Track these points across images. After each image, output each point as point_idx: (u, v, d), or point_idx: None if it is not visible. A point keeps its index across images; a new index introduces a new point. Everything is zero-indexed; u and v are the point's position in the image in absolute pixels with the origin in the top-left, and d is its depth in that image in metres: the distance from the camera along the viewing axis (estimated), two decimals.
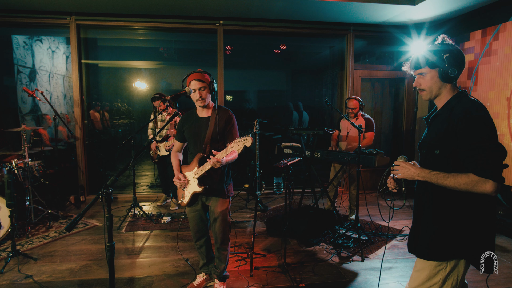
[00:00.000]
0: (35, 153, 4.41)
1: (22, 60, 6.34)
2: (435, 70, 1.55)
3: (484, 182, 1.37)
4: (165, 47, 7.62)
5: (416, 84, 1.63)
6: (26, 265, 3.11)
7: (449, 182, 1.44)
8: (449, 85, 1.57)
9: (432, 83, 1.57)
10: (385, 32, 5.39)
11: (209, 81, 2.40)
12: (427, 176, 1.51)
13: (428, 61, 1.56)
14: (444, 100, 1.59)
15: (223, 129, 2.44)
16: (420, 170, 1.54)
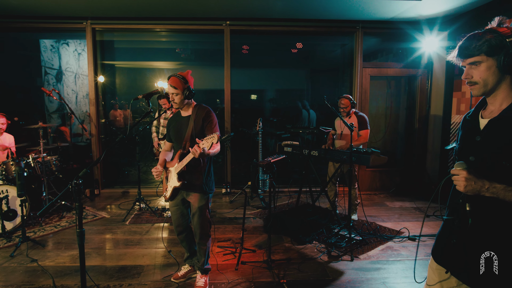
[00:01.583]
0: (53, 148, 4.75)
1: (49, 62, 6.84)
2: (493, 58, 1.25)
3: None
4: (181, 48, 7.86)
5: (467, 76, 1.31)
6: (34, 251, 3.40)
7: None
8: (509, 78, 1.28)
9: (489, 75, 1.26)
10: (395, 28, 5.24)
11: (183, 88, 2.50)
12: (500, 192, 1.18)
13: (485, 46, 1.24)
14: (504, 98, 1.30)
15: (201, 127, 2.55)
16: (488, 184, 1.20)
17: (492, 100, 1.34)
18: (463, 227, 1.34)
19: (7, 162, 3.95)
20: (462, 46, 1.31)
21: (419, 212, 4.64)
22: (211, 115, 2.59)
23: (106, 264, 3.14)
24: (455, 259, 1.38)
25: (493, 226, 1.27)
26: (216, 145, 2.45)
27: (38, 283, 2.80)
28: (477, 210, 1.28)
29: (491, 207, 1.26)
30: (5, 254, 3.31)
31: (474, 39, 1.28)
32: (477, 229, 1.30)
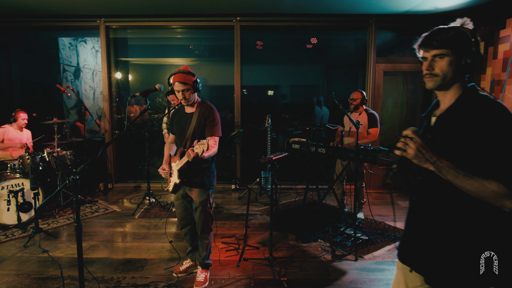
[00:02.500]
0: (68, 143, 4.91)
1: (67, 59, 7.05)
2: (457, 55, 1.25)
3: (511, 197, 1.12)
4: (195, 44, 7.91)
5: (429, 68, 1.29)
6: (46, 241, 3.54)
7: (472, 184, 1.15)
8: (464, 77, 1.30)
9: (449, 70, 1.26)
10: (410, 22, 5.07)
11: (193, 81, 2.51)
12: (444, 168, 1.18)
13: (453, 41, 1.25)
14: (453, 95, 1.31)
15: (203, 125, 2.55)
16: (436, 157, 1.20)
17: (442, 97, 1.36)
18: (418, 224, 1.38)
19: (23, 156, 4.12)
20: (429, 36, 1.30)
21: None
22: (213, 114, 2.58)
23: (112, 257, 3.22)
24: (415, 256, 1.40)
25: (445, 221, 1.29)
26: (213, 146, 2.45)
27: (47, 273, 2.91)
28: (429, 205, 1.33)
29: (442, 203, 1.29)
30: (19, 244, 3.46)
31: (443, 32, 1.28)
32: (430, 225, 1.33)
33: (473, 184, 1.15)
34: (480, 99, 1.25)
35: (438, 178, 1.23)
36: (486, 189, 1.14)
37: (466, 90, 1.30)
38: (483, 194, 1.15)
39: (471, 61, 1.25)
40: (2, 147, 4.40)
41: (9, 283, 2.76)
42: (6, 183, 3.83)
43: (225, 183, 5.86)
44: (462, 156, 1.21)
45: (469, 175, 1.16)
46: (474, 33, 1.27)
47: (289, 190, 5.53)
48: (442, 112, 1.33)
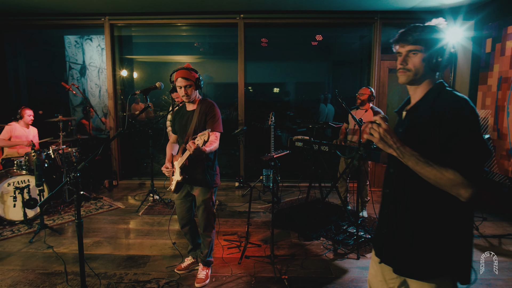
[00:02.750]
0: (73, 140, 4.96)
1: (73, 57, 7.12)
2: (429, 53, 1.32)
3: (466, 187, 1.17)
4: (200, 42, 7.92)
5: (403, 62, 1.35)
6: (52, 237, 3.59)
7: (431, 171, 1.20)
8: (434, 74, 1.37)
9: (421, 66, 1.33)
10: (415, 18, 4.98)
11: (195, 78, 2.52)
12: (407, 154, 1.23)
13: (426, 39, 1.32)
14: (423, 91, 1.38)
15: (204, 122, 2.56)
16: (400, 143, 1.25)
17: (413, 92, 1.42)
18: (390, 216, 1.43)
19: (29, 154, 4.17)
20: (405, 32, 1.36)
21: None
22: (214, 110, 2.59)
23: (115, 253, 3.26)
24: (385, 248, 1.46)
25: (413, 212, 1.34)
26: (214, 141, 2.45)
27: (52, 269, 2.96)
28: (399, 198, 1.39)
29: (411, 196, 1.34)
30: (25, 240, 3.52)
31: (418, 29, 1.34)
32: (400, 217, 1.38)
33: (431, 171, 1.20)
34: (446, 94, 1.31)
35: (409, 171, 1.28)
36: (443, 177, 1.19)
37: (435, 86, 1.36)
38: (440, 181, 1.20)
39: (442, 60, 1.32)
40: (9, 144, 4.46)
41: (14, 278, 2.81)
42: (13, 179, 3.89)
43: (229, 180, 5.88)
44: (427, 146, 1.27)
45: (429, 163, 1.21)
46: (444, 35, 1.35)
47: (292, 188, 5.52)
48: (412, 105, 1.40)
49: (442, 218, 1.30)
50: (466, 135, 1.19)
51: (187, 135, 2.59)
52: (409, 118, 1.39)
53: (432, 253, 1.31)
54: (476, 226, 3.86)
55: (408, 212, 1.35)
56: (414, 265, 1.34)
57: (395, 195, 1.42)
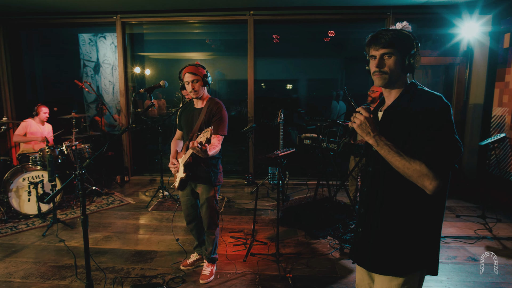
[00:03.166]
0: (86, 137, 5.07)
1: (87, 55, 7.25)
2: (402, 55, 1.35)
3: (431, 178, 1.22)
4: (211, 39, 7.94)
5: (378, 65, 1.37)
6: (64, 231, 3.69)
7: (400, 161, 1.26)
8: (406, 76, 1.41)
9: (396, 68, 1.36)
10: (429, 13, 4.87)
11: (203, 74, 2.54)
12: (381, 142, 1.30)
13: (399, 41, 1.35)
14: (397, 92, 1.42)
15: (210, 121, 2.56)
16: (377, 132, 1.32)
17: (388, 94, 1.45)
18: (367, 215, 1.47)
19: (43, 149, 4.29)
20: (378, 36, 1.37)
21: (449, 212, 4.34)
22: (221, 111, 2.57)
23: (124, 248, 3.33)
24: (360, 247, 1.51)
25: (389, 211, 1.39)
26: (216, 145, 2.44)
27: (62, 262, 3.04)
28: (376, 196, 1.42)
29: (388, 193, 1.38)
30: (38, 233, 3.63)
31: (389, 32, 1.36)
32: (375, 215, 1.42)
33: (401, 161, 1.26)
34: (421, 92, 1.36)
35: (385, 169, 1.34)
36: (410, 167, 1.24)
37: (408, 87, 1.40)
38: (407, 171, 1.25)
39: (413, 61, 1.36)
40: (24, 140, 4.61)
41: (26, 270, 2.90)
42: (27, 174, 4.02)
43: (238, 177, 5.90)
44: (404, 144, 1.31)
45: (400, 153, 1.27)
46: (415, 36, 1.39)
47: (301, 185, 5.50)
48: (388, 106, 1.44)
49: (416, 214, 1.35)
50: (437, 130, 1.23)
51: (192, 132, 2.61)
52: (386, 118, 1.42)
53: (408, 249, 1.36)
54: (489, 228, 3.75)
55: (384, 209, 1.40)
56: (389, 262, 1.39)
57: (372, 193, 1.45)
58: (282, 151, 2.89)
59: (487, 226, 3.79)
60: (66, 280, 2.75)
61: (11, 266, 2.96)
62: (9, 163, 4.41)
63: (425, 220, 1.35)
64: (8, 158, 4.42)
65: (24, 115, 4.83)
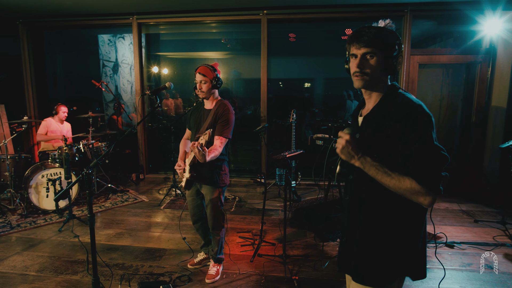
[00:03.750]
0: (102, 135, 5.22)
1: (106, 55, 7.45)
2: (384, 55, 1.28)
3: (424, 195, 1.19)
4: (227, 38, 7.97)
5: (359, 66, 1.29)
6: (79, 227, 3.81)
7: (390, 181, 1.22)
8: (387, 78, 1.35)
9: (378, 70, 1.29)
10: (449, 10, 4.68)
11: (212, 77, 2.54)
12: (367, 164, 1.26)
13: (383, 41, 1.27)
14: (378, 95, 1.35)
15: (216, 123, 2.56)
16: (361, 154, 1.28)
17: (368, 96, 1.39)
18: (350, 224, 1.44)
19: (62, 148, 4.44)
20: (361, 33, 1.28)
21: (467, 216, 4.18)
22: (227, 114, 2.56)
23: (134, 245, 3.40)
24: (345, 256, 1.48)
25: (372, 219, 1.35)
26: (216, 148, 2.43)
27: (75, 257, 3.15)
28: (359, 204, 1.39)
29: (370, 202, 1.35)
30: (55, 228, 3.77)
31: (372, 30, 1.27)
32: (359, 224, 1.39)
33: (391, 181, 1.22)
34: (400, 98, 1.29)
35: (367, 177, 1.29)
36: (401, 186, 1.21)
37: (388, 90, 1.34)
38: (399, 190, 1.22)
39: (396, 63, 1.30)
40: (45, 139, 4.79)
41: (41, 264, 3.02)
42: (46, 171, 4.17)
43: (251, 176, 5.91)
44: (385, 153, 1.27)
45: (388, 172, 1.23)
46: (398, 35, 1.31)
47: (314, 186, 5.44)
48: (368, 112, 1.37)
49: (398, 221, 1.32)
50: (422, 144, 1.19)
51: (199, 133, 2.62)
52: (366, 125, 1.36)
53: (390, 258, 1.33)
54: (510, 235, 3.59)
55: (367, 219, 1.36)
56: (370, 273, 1.36)
57: (354, 202, 1.41)
58: (290, 153, 2.86)
59: (507, 233, 3.62)
60: (77, 275, 2.85)
61: (28, 260, 3.09)
62: (30, 160, 4.59)
63: (407, 227, 1.32)
64: (29, 156, 4.60)
65: (46, 114, 5.02)
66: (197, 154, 2.16)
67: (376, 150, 1.29)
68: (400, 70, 5.09)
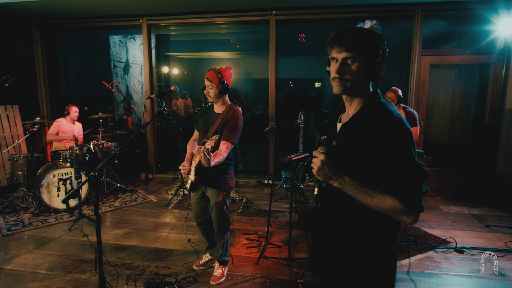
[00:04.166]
0: (112, 135, 5.30)
1: (117, 56, 7.55)
2: (365, 61, 1.19)
3: (407, 213, 1.14)
4: (236, 38, 7.98)
5: (338, 71, 1.21)
6: (88, 226, 3.88)
7: (371, 200, 1.16)
8: (369, 85, 1.28)
9: (359, 76, 1.21)
10: (462, 9, 4.58)
11: (218, 83, 2.54)
12: (346, 184, 1.20)
13: (365, 44, 1.18)
14: (359, 102, 1.28)
15: (224, 128, 2.56)
16: (338, 174, 1.21)
17: (348, 103, 1.31)
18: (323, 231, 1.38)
19: (73, 148, 4.53)
20: (342, 35, 1.19)
21: (478, 221, 4.09)
22: (236, 121, 2.55)
23: (141, 245, 3.44)
24: (318, 263, 1.43)
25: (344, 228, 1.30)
26: (222, 153, 2.43)
27: (84, 256, 3.21)
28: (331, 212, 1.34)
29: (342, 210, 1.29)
30: (65, 227, 3.85)
31: (355, 33, 1.18)
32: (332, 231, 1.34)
33: (372, 201, 1.16)
34: (382, 111, 1.21)
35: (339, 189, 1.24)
36: (383, 205, 1.15)
37: (370, 98, 1.26)
38: (381, 210, 1.16)
39: (379, 69, 1.21)
40: (55, 139, 4.89)
41: (51, 262, 3.09)
42: (57, 171, 4.26)
43: (259, 177, 5.91)
44: (363, 168, 1.21)
45: (368, 192, 1.17)
46: (383, 38, 1.22)
47: None
48: (347, 120, 1.29)
49: (370, 238, 1.27)
50: (402, 161, 1.14)
51: (206, 137, 2.63)
52: (344, 133, 1.29)
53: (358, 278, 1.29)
54: None
55: (339, 229, 1.32)
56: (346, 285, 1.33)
57: (327, 210, 1.36)
58: (296, 155, 2.85)
59: None
60: (86, 274, 2.90)
61: (39, 258, 3.16)
62: (42, 159, 4.69)
63: (377, 242, 1.26)
64: (41, 155, 4.71)
65: (58, 114, 5.14)
66: (202, 159, 2.18)
67: (353, 162, 1.22)
68: (410, 70, 5.01)
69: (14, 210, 4.34)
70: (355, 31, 1.18)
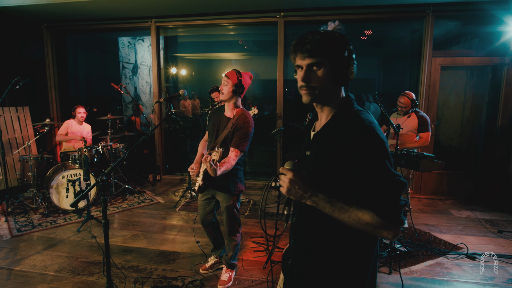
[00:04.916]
0: (121, 137, 5.33)
1: (126, 57, 7.61)
2: (334, 65, 1.14)
3: (387, 228, 1.08)
4: (244, 39, 7.97)
5: (304, 79, 1.15)
6: (96, 228, 3.90)
7: (349, 217, 1.10)
8: (341, 90, 1.22)
9: (328, 82, 1.15)
10: (475, 10, 4.49)
11: (235, 82, 2.51)
12: (321, 202, 1.13)
13: (330, 48, 1.12)
14: (330, 110, 1.22)
15: (233, 136, 2.53)
16: (311, 191, 1.13)
17: (320, 110, 1.25)
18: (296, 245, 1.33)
19: (81, 149, 4.56)
20: (304, 41, 1.13)
21: (490, 226, 4.00)
22: (247, 128, 2.51)
23: (149, 247, 3.45)
24: (290, 278, 1.38)
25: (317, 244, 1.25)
26: (230, 161, 2.40)
27: (92, 258, 3.22)
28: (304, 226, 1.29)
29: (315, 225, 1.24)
30: (74, 228, 3.88)
31: (317, 36, 1.12)
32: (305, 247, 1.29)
33: (349, 217, 1.10)
34: (354, 119, 1.15)
35: None
36: (361, 221, 1.09)
37: (342, 105, 1.21)
38: (360, 226, 1.10)
39: (347, 72, 1.15)
40: (64, 139, 4.93)
41: (60, 264, 3.11)
42: (66, 172, 4.30)
43: (266, 179, 5.89)
44: (337, 180, 1.15)
45: (344, 208, 1.11)
46: (348, 39, 1.16)
47: None
48: (319, 129, 1.24)
49: (347, 254, 1.21)
50: (377, 173, 1.08)
51: (215, 142, 2.59)
52: (317, 143, 1.23)
53: None
54: None
55: (313, 246, 1.26)
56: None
57: (300, 224, 1.31)
58: None
59: None
60: (94, 276, 2.91)
61: (47, 259, 3.19)
62: (51, 161, 4.74)
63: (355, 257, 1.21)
64: (51, 156, 4.75)
65: (68, 116, 5.18)
66: (209, 169, 2.16)
67: (328, 175, 1.16)
68: (420, 72, 4.93)
69: (24, 210, 4.39)
70: (316, 34, 1.13)
